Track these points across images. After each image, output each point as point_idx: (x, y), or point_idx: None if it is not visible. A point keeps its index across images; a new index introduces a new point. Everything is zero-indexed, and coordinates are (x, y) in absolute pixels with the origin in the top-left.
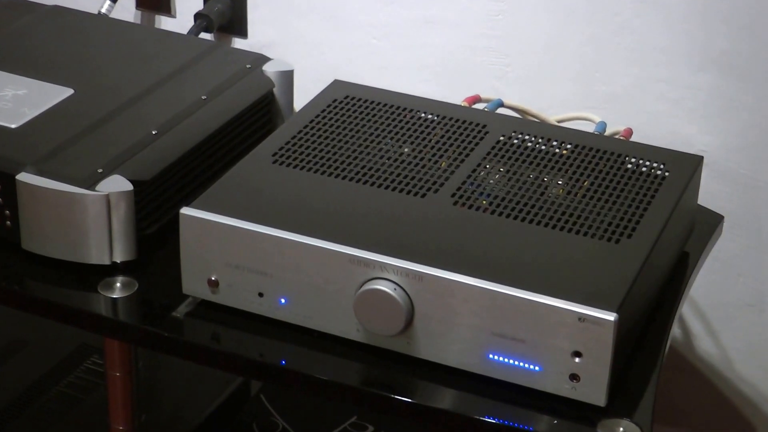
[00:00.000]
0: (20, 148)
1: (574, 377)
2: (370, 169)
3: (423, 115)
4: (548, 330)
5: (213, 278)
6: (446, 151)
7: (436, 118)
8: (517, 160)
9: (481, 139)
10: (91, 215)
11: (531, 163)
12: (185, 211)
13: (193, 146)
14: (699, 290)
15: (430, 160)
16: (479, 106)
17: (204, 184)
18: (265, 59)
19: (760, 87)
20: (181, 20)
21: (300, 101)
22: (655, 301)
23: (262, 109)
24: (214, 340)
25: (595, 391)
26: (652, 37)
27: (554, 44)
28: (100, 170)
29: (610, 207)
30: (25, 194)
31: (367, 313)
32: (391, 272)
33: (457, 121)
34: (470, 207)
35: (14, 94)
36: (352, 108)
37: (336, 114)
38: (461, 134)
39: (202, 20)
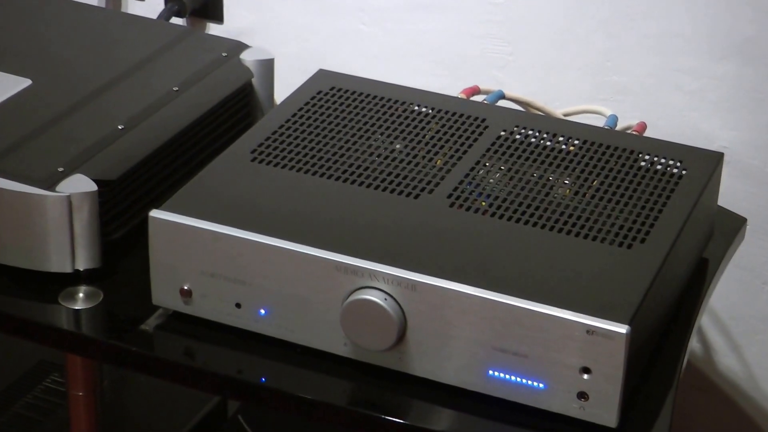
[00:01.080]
0: None
1: (582, 396)
2: (358, 167)
3: (416, 108)
4: (554, 344)
5: (186, 288)
6: (442, 147)
7: (430, 111)
8: (519, 157)
9: (480, 134)
10: (51, 218)
11: (535, 160)
12: (155, 213)
13: (164, 143)
14: (720, 300)
15: (424, 157)
16: (478, 98)
17: (176, 184)
18: (243, 47)
19: None
20: (150, 4)
21: (281, 93)
22: (672, 313)
23: (240, 102)
24: (187, 355)
25: (605, 411)
26: (670, 22)
27: (561, 30)
28: (60, 169)
29: (622, 209)
30: None
31: (355, 326)
32: (381, 281)
33: (453, 114)
34: (468, 209)
35: None
36: (339, 100)
37: (321, 107)
38: (458, 129)
39: (173, 4)
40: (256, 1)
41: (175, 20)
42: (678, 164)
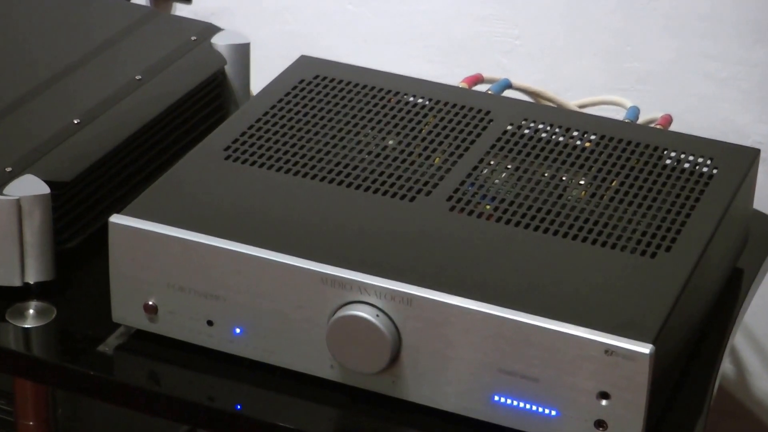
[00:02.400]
0: None
1: (600, 424)
2: (346, 166)
3: (411, 99)
4: (568, 366)
5: (150, 303)
6: (440, 144)
7: (427, 103)
8: (528, 155)
9: (484, 129)
10: None
11: (546, 158)
12: (115, 219)
13: (126, 139)
14: (755, 316)
15: (420, 155)
16: (481, 88)
17: (139, 186)
18: (215, 30)
19: None
20: None
21: (258, 82)
22: (701, 330)
23: (212, 93)
24: (152, 380)
25: None
26: (697, 1)
27: (575, 11)
28: (8, 169)
29: (644, 213)
30: None
31: (343, 346)
32: (372, 295)
33: (454, 106)
34: (470, 213)
35: None
36: (324, 90)
37: (303, 98)
38: (459, 123)
39: None
40: None
41: (139, 0)
42: (708, 162)
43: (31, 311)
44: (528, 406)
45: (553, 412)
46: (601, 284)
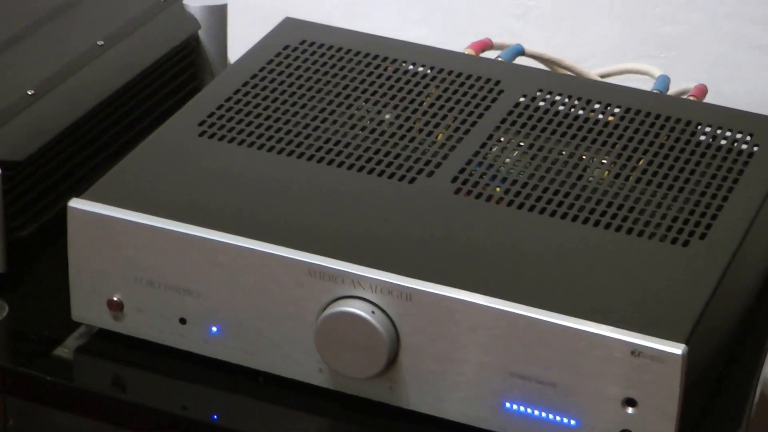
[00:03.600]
0: None
1: None
2: (337, 144)
3: (411, 68)
4: (589, 369)
5: (115, 299)
6: (444, 118)
7: (429, 72)
8: (543, 130)
9: (494, 101)
10: None
11: (563, 134)
12: (75, 204)
13: (86, 113)
14: None
15: (421, 131)
16: (490, 54)
17: (102, 166)
18: None
19: None
20: None
21: (237, 48)
22: (740, 329)
23: (184, 60)
24: (117, 386)
25: None
26: None
27: None
28: None
29: (676, 196)
30: None
31: (333, 347)
32: (367, 289)
33: (459, 76)
34: (478, 196)
35: None
36: (312, 57)
37: (288, 66)
38: (465, 95)
39: None
40: None
41: None
42: (747, 138)
43: None
44: (544, 415)
45: (573, 422)
46: (626, 277)
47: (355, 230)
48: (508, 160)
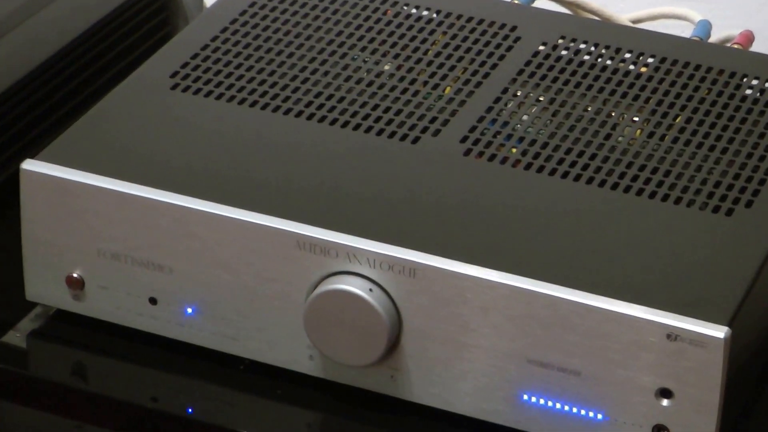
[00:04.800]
0: None
1: (661, 430)
2: (329, 98)
3: (414, 11)
4: (619, 355)
5: (75, 276)
6: (452, 69)
7: (434, 16)
8: (566, 83)
9: (509, 49)
10: None
11: (589, 88)
12: (29, 165)
13: (43, 62)
14: None
15: (425, 83)
16: None
17: (59, 123)
18: None
19: None
20: None
21: None
22: None
23: (154, 3)
24: (78, 375)
25: None
26: None
27: None
28: None
29: (718, 158)
30: None
31: (326, 330)
32: (364, 263)
33: (469, 20)
34: (491, 159)
35: None
36: (300, 0)
37: (273, 9)
38: (476, 42)
39: None
40: None
41: None
42: None
43: None
44: (566, 408)
45: (599, 416)
46: (661, 250)
47: (350, 197)
48: (525, 117)
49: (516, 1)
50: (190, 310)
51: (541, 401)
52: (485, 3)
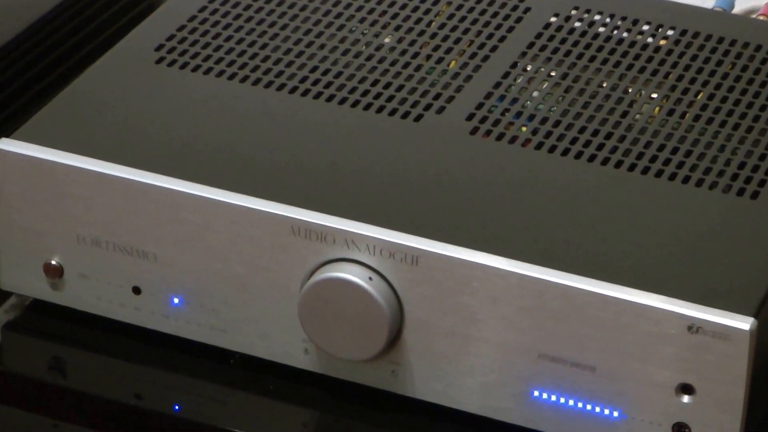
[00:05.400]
0: None
1: (681, 428)
2: (325, 73)
3: None
4: (636, 349)
5: (54, 263)
6: (457, 42)
7: None
8: (579, 57)
9: (518, 20)
10: None
11: (604, 63)
12: (4, 145)
13: (18, 35)
14: None
15: (429, 57)
16: None
17: (36, 100)
18: None
19: None
20: None
21: None
22: None
23: None
24: (55, 370)
25: None
26: None
27: None
28: None
29: (742, 137)
30: None
31: (322, 322)
32: (363, 250)
33: None
34: (499, 138)
35: None
36: None
37: None
38: (483, 13)
39: None
40: None
41: None
42: None
43: None
44: (580, 405)
45: (615, 413)
46: (681, 236)
47: (348, 179)
48: (535, 93)
49: None
50: (176, 301)
51: (553, 398)
52: None
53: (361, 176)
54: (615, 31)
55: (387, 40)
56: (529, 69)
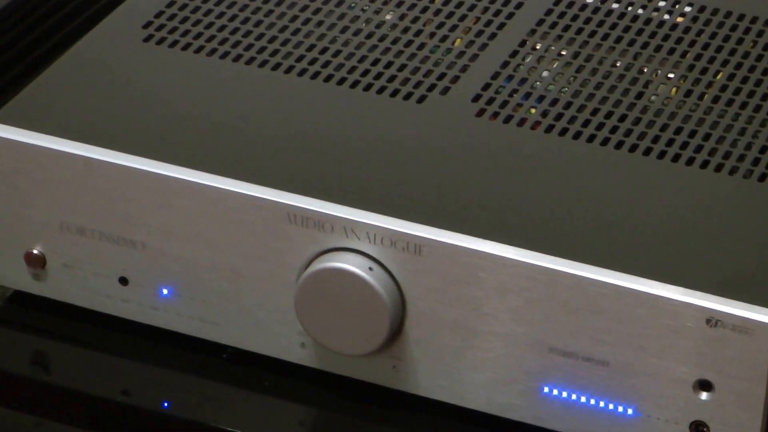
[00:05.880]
0: None
1: (698, 428)
2: (323, 52)
3: None
4: (652, 342)
5: (36, 252)
6: (462, 19)
7: None
8: (592, 35)
9: None
10: None
11: (617, 41)
12: None
13: None
14: None
15: (432, 35)
16: None
17: (17, 80)
18: None
19: None
20: None
21: None
22: None
23: None
24: (38, 365)
25: None
26: None
27: None
28: None
29: (764, 120)
30: None
31: (320, 315)
32: (363, 238)
33: None
34: (507, 120)
35: None
36: None
37: None
38: None
39: None
40: None
41: None
42: None
43: None
44: (592, 402)
45: (630, 411)
46: (700, 223)
47: (348, 164)
48: (545, 73)
49: None
50: (165, 292)
51: (564, 395)
52: None
53: (361, 161)
54: (629, 8)
55: (388, 16)
56: (538, 47)
